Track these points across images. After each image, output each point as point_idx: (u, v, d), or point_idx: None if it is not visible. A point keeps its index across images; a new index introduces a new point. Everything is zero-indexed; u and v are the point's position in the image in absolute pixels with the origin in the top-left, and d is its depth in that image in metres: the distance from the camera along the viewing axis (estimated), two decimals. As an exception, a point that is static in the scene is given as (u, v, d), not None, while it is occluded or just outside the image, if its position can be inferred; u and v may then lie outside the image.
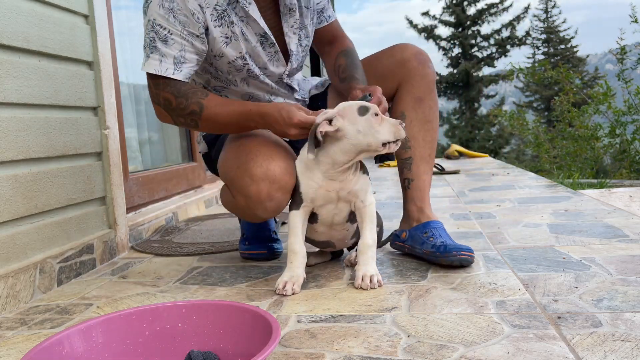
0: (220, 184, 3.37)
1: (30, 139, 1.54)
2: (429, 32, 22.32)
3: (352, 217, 1.48)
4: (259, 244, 1.77)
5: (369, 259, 1.42)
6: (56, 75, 1.68)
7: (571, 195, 2.67)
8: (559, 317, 1.12)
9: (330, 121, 1.31)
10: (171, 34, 1.37)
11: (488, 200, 2.67)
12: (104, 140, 1.92)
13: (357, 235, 1.56)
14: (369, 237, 1.43)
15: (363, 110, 1.32)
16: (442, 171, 4.09)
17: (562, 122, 7.87)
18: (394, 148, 1.34)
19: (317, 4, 1.62)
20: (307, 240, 1.54)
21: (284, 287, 1.38)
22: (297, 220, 1.42)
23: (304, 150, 1.39)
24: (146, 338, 1.01)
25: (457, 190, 3.14)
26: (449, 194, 2.98)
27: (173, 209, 2.58)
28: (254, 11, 1.44)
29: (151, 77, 1.41)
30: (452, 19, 22.42)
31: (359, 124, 1.31)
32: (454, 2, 22.39)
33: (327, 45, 1.70)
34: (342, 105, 1.35)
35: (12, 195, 1.46)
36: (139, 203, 2.40)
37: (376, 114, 1.32)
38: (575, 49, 24.84)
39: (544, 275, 1.40)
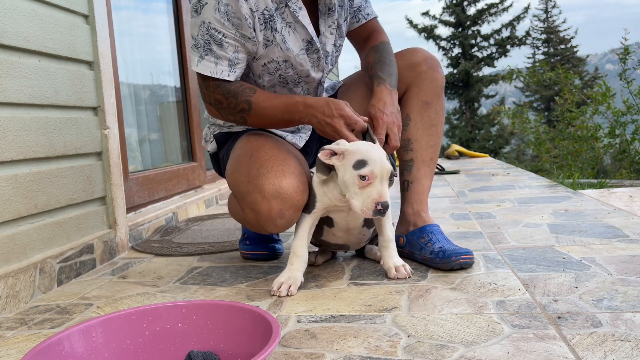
0: (220, 184, 3.37)
1: (30, 139, 1.54)
2: (429, 32, 22.30)
3: (368, 222, 1.50)
4: (260, 244, 1.77)
5: (393, 251, 1.48)
6: (56, 75, 1.68)
7: (571, 195, 2.67)
8: (559, 317, 1.12)
9: (334, 153, 1.31)
10: (225, 37, 1.38)
11: (488, 200, 2.67)
12: (104, 140, 1.92)
13: (372, 236, 1.60)
14: (388, 232, 1.47)
15: (357, 165, 1.27)
16: (442, 171, 4.10)
17: (562, 122, 7.86)
18: (365, 216, 1.30)
19: (351, 3, 1.62)
20: (323, 242, 1.56)
21: (279, 288, 1.38)
22: (305, 224, 1.42)
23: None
24: (146, 338, 1.01)
25: (457, 190, 3.14)
26: (449, 194, 2.98)
27: (173, 209, 2.58)
28: (304, 17, 1.45)
29: (202, 77, 1.44)
30: (452, 19, 22.42)
31: (347, 173, 1.29)
32: (454, 2, 22.38)
33: (363, 41, 1.69)
34: (353, 145, 1.31)
35: (12, 195, 1.46)
36: (139, 203, 2.40)
37: (362, 177, 1.26)
38: (575, 49, 24.87)
39: (544, 275, 1.40)
